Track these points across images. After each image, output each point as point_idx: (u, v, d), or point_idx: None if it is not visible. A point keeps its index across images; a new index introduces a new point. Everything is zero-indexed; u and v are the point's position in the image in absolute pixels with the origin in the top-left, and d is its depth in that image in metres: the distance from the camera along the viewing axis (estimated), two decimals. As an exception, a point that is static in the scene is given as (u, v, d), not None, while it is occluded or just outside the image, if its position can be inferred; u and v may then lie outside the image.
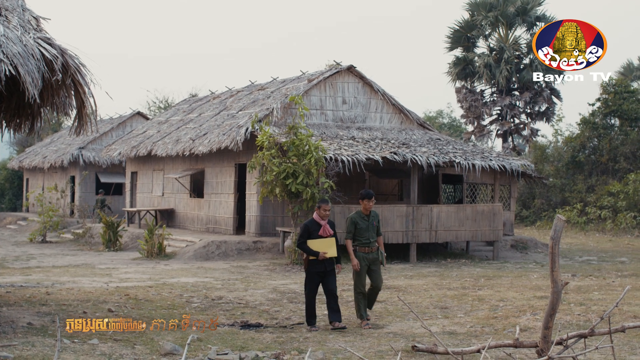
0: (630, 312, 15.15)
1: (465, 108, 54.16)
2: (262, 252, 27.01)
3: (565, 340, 6.08)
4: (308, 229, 14.03)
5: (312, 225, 14.07)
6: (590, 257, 28.57)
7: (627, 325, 6.21)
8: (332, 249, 13.95)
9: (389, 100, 31.49)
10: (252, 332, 13.40)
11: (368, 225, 14.30)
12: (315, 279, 14.01)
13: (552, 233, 5.79)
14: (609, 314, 6.03)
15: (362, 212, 14.37)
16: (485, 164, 27.66)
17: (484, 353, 5.48)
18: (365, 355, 11.30)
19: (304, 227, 14.11)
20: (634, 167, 44.51)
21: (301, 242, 14.01)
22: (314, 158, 23.64)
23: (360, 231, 14.27)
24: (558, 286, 5.76)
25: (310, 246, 13.93)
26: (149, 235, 26.78)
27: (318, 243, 13.92)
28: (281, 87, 32.27)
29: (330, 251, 13.92)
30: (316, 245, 13.91)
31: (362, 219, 14.32)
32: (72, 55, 12.00)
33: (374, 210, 14.57)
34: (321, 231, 13.96)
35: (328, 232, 13.99)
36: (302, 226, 14.23)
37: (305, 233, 14.01)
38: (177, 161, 34.77)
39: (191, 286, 19.23)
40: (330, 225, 14.14)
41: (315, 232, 13.97)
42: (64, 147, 47.63)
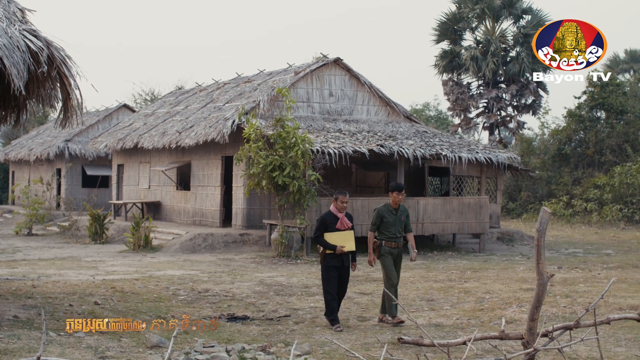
0: (615, 304, 15.23)
1: (452, 101, 54.19)
2: (248, 245, 27.00)
3: (551, 332, 6.10)
4: (325, 222, 13.46)
5: (329, 217, 13.49)
6: (576, 250, 28.68)
7: (612, 317, 6.23)
8: (350, 243, 13.40)
9: (375, 92, 31.50)
10: (239, 324, 13.40)
11: (395, 219, 13.83)
12: (332, 273, 13.42)
13: (538, 225, 5.80)
14: (594, 306, 6.05)
15: (391, 205, 13.92)
16: (472, 157, 27.72)
17: (469, 345, 5.49)
18: (351, 348, 11.32)
19: (321, 219, 13.58)
20: (619, 159, 44.63)
21: (317, 235, 13.46)
22: (300, 150, 23.62)
23: (386, 225, 13.80)
24: (544, 278, 5.77)
25: (327, 239, 13.34)
26: (135, 228, 26.73)
27: (335, 236, 13.33)
28: (268, 79, 32.23)
29: (348, 245, 13.36)
30: (333, 238, 13.33)
31: (389, 212, 13.86)
32: (58, 47, 11.95)
33: (403, 205, 14.12)
34: (339, 224, 13.38)
35: (346, 225, 13.43)
36: (318, 218, 13.74)
37: (322, 226, 13.45)
38: (164, 154, 34.70)
39: (177, 279, 19.22)
40: (349, 219, 13.59)
41: (333, 224, 13.37)
42: (50, 139, 47.43)
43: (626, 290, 17.28)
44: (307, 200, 24.08)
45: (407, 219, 14.06)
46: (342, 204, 13.42)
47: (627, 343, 11.73)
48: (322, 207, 25.28)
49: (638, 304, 15.31)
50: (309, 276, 20.17)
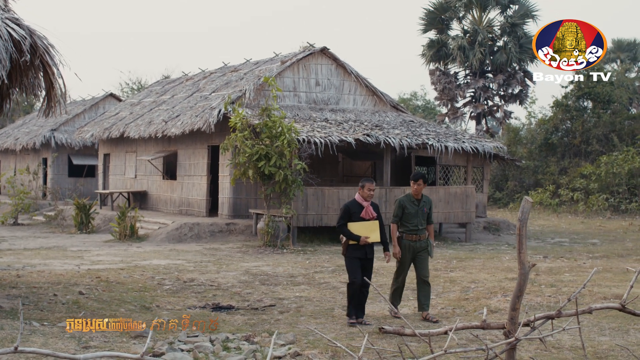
0: (600, 294, 15.27)
1: (439, 90, 54.21)
2: (234, 234, 26.98)
3: (533, 321, 6.09)
4: (349, 210, 12.70)
5: (354, 206, 12.75)
6: (562, 239, 28.74)
7: (594, 307, 6.23)
8: (374, 234, 12.64)
9: (362, 82, 31.47)
10: (224, 314, 13.38)
11: (417, 210, 13.12)
12: (356, 263, 12.69)
13: (520, 215, 5.80)
14: (576, 296, 6.05)
15: (413, 196, 13.25)
16: (458, 146, 27.75)
17: (450, 335, 5.47)
18: (335, 337, 11.31)
19: (345, 208, 12.83)
20: (606, 149, 44.77)
21: (341, 225, 12.72)
22: (286, 140, 23.58)
23: (408, 216, 13.11)
24: (525, 268, 5.76)
25: (350, 229, 12.63)
26: (121, 218, 26.65)
27: (359, 226, 12.61)
28: (254, 68, 32.15)
29: (372, 236, 12.61)
30: (357, 228, 12.61)
31: (411, 203, 13.18)
32: (41, 35, 11.89)
33: (427, 196, 13.48)
34: (363, 213, 12.66)
35: (371, 215, 12.70)
36: (342, 207, 12.97)
37: (346, 215, 12.70)
38: (150, 143, 34.61)
39: (163, 268, 19.18)
40: (374, 208, 12.86)
41: (357, 214, 12.66)
42: (36, 129, 47.22)
43: (611, 280, 17.31)
44: (293, 189, 24.05)
45: (430, 210, 13.39)
46: (369, 191, 12.70)
47: (611, 332, 11.77)
48: (309, 197, 25.30)
49: (623, 293, 15.32)
50: (295, 266, 20.16)
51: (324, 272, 19.01)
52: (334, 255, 22.61)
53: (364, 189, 12.67)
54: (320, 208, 25.68)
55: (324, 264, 20.68)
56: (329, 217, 25.76)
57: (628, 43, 66.64)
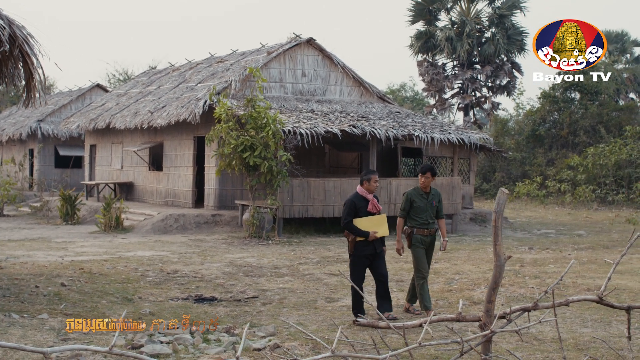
0: (584, 285, 15.25)
1: (427, 81, 54.16)
2: (220, 226, 26.90)
3: (509, 314, 6.04)
4: (354, 206, 12.11)
5: (359, 200, 12.18)
6: (549, 230, 28.75)
7: (571, 299, 6.19)
8: (383, 228, 12.16)
9: (348, 73, 31.39)
10: (206, 305, 13.33)
11: (426, 204, 12.66)
12: (363, 262, 12.19)
13: (495, 206, 5.74)
14: (553, 288, 6.01)
15: (421, 189, 12.75)
16: (444, 137, 27.71)
17: (425, 327, 5.42)
18: (317, 329, 11.28)
19: (350, 203, 12.20)
20: (593, 140, 44.82)
21: (347, 222, 12.08)
22: (271, 131, 23.50)
23: (417, 210, 12.64)
24: (501, 260, 5.72)
25: (357, 225, 12.05)
26: (106, 209, 26.55)
27: (367, 221, 12.08)
28: (240, 59, 32.05)
29: (381, 230, 12.12)
30: (365, 223, 12.07)
31: (420, 196, 12.69)
32: (20, 25, 11.79)
33: (436, 189, 12.97)
34: (370, 207, 12.13)
35: (377, 208, 12.21)
36: (347, 202, 12.30)
37: (352, 210, 12.08)
38: (136, 134, 34.48)
39: (147, 260, 19.11)
40: (378, 200, 12.41)
41: (363, 208, 12.10)
42: (23, 119, 47.04)
43: (595, 271, 17.31)
44: (278, 180, 23.98)
45: (440, 203, 12.90)
46: (375, 184, 12.20)
47: (594, 324, 11.75)
48: (294, 188, 25.23)
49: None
50: (280, 257, 20.11)
51: (309, 263, 18.97)
52: (319, 247, 22.58)
53: (370, 182, 12.18)
54: (306, 199, 25.63)
55: (308, 255, 20.64)
56: (315, 208, 25.72)
57: (616, 34, 66.50)
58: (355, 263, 12.21)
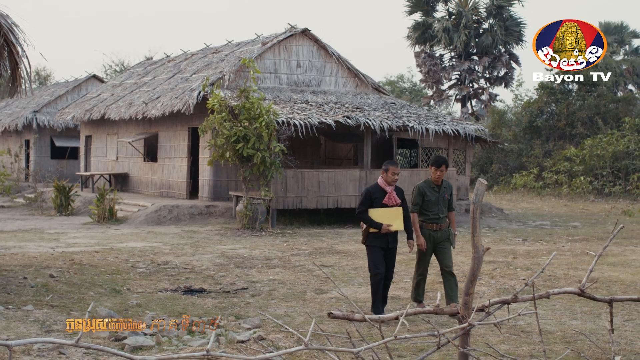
0: (575, 277, 15.19)
1: (425, 72, 54.09)
2: (214, 217, 26.81)
3: (487, 307, 5.95)
4: (370, 196, 11.81)
5: (376, 191, 11.86)
6: (544, 222, 28.65)
7: (552, 292, 6.11)
8: (397, 221, 11.79)
9: (343, 63, 31.25)
10: (195, 297, 13.23)
11: (438, 197, 12.10)
12: (378, 252, 11.89)
13: (473, 197, 5.65)
14: (533, 281, 5.92)
15: (432, 182, 12.20)
16: (439, 128, 27.59)
17: (401, 320, 5.33)
18: (305, 321, 11.20)
19: (366, 192, 11.93)
20: (590, 132, 44.72)
21: (361, 211, 11.83)
22: (265, 122, 23.38)
23: (428, 204, 12.11)
24: (479, 252, 5.63)
25: (371, 216, 11.76)
26: (99, 200, 26.44)
27: (381, 213, 11.74)
28: (235, 50, 31.91)
29: (395, 224, 11.77)
30: (379, 215, 11.75)
31: (431, 189, 12.15)
32: (4, 14, 11.68)
33: (447, 181, 12.40)
34: (386, 199, 11.77)
35: (394, 201, 11.81)
36: (363, 192, 12.05)
37: (367, 200, 11.78)
38: (131, 125, 34.36)
39: (139, 251, 19.02)
40: (398, 193, 11.97)
41: (379, 199, 11.76)
42: (19, 110, 46.92)
43: (588, 263, 17.24)
44: (272, 171, 23.87)
45: (451, 196, 12.40)
46: (393, 175, 11.81)
47: (583, 316, 11.68)
48: (288, 179, 25.15)
49: (598, 276, 15.26)
50: (272, 248, 20.02)
51: (301, 254, 18.88)
52: (312, 238, 22.49)
53: (388, 173, 11.80)
54: (300, 190, 25.53)
55: (301, 246, 20.55)
56: (309, 199, 25.64)
57: (615, 26, 66.33)
58: (371, 250, 11.95)
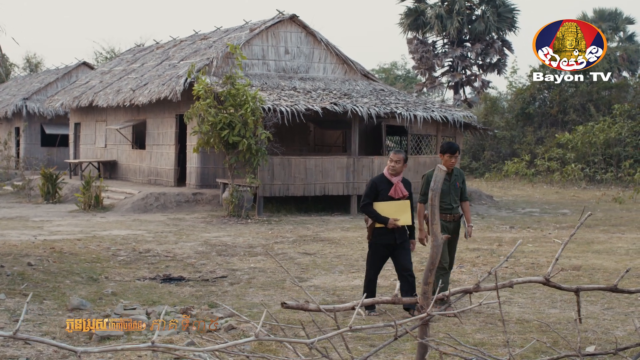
0: (558, 265, 15.02)
1: (417, 59, 53.95)
2: (201, 204, 26.64)
3: (448, 296, 5.79)
4: (375, 188, 10.96)
5: (381, 182, 11.03)
6: (533, 209, 28.51)
7: (515, 281, 5.96)
8: (405, 215, 11.00)
9: (332, 50, 31.02)
10: (173, 285, 13.08)
11: (449, 186, 11.32)
12: (380, 252, 11.10)
13: (432, 184, 5.49)
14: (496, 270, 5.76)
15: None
16: (427, 115, 27.40)
17: (357, 310, 5.18)
18: (280, 310, 11.03)
19: (371, 184, 11.12)
20: (583, 119, 44.55)
21: (365, 204, 11.02)
22: (250, 108, 23.19)
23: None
24: (438, 240, 5.47)
25: (376, 209, 10.96)
26: (85, 188, 26.26)
27: (387, 206, 10.94)
28: (224, 36, 31.67)
29: (403, 218, 10.97)
30: (385, 209, 10.94)
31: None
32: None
33: (458, 169, 11.65)
34: (392, 191, 10.95)
35: (401, 193, 10.98)
36: (368, 183, 11.29)
37: (372, 192, 10.95)
38: (120, 112, 34.15)
39: (121, 239, 18.86)
40: (405, 185, 11.14)
41: (385, 191, 10.94)
42: (8, 97, 46.73)
43: (573, 251, 17.13)
44: (258, 159, 23.71)
45: (464, 184, 11.65)
46: (393, 164, 10.96)
47: (562, 304, 11.55)
48: (275, 166, 25.00)
49: (581, 264, 15.15)
50: (256, 236, 19.87)
51: (285, 242, 18.75)
52: (298, 226, 22.35)
53: (390, 162, 11.06)
54: (287, 178, 25.38)
55: (286, 234, 20.41)
56: (296, 186, 25.49)
57: (609, 13, 66.22)
58: (373, 252, 11.14)
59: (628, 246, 17.98)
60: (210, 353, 7.03)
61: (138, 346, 4.86)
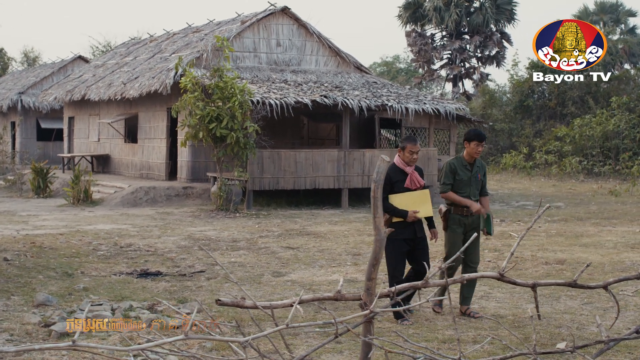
0: (543, 259, 14.83)
1: (416, 52, 53.70)
2: (191, 198, 26.42)
3: (393, 292, 5.56)
4: (390, 180, 10.00)
5: (395, 173, 10.18)
6: (527, 202, 28.28)
7: (467, 277, 5.73)
8: (425, 206, 10.20)
9: (324, 42, 30.75)
10: (149, 280, 12.86)
11: (470, 177, 10.51)
12: (401, 247, 10.16)
13: (375, 176, 5.26)
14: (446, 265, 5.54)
15: (465, 159, 10.54)
16: (419, 107, 27.12)
17: (295, 306, 4.96)
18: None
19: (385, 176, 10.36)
20: (581, 111, 44.27)
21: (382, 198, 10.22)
22: (238, 101, 22.95)
23: (459, 184, 10.46)
24: (381, 234, 5.23)
25: (392, 202, 10.08)
26: (74, 182, 26.05)
27: (405, 198, 10.10)
28: (216, 29, 31.40)
29: (423, 209, 10.16)
30: (402, 201, 10.09)
31: (463, 167, 10.52)
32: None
33: (480, 160, 10.76)
34: (408, 181, 10.16)
35: (418, 183, 10.24)
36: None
37: (387, 185, 9.81)
38: (112, 106, 33.92)
39: (105, 233, 18.64)
40: (420, 174, 10.40)
41: (400, 182, 10.14)
42: (4, 92, 46.54)
43: (560, 244, 16.89)
44: (246, 152, 23.48)
45: (485, 177, 10.82)
46: (411, 155, 10.16)
47: (541, 299, 11.28)
48: (264, 160, 24.76)
49: (566, 257, 14.91)
50: (242, 230, 19.64)
51: (270, 236, 18.52)
52: (286, 220, 22.13)
53: (405, 152, 10.18)
54: (277, 171, 25.13)
55: (272, 228, 20.18)
56: (286, 180, 25.25)
57: (611, 5, 65.84)
58: (392, 247, 10.08)
59: (617, 239, 17.70)
60: (136, 352, 6.80)
61: (57, 345, 4.66)
